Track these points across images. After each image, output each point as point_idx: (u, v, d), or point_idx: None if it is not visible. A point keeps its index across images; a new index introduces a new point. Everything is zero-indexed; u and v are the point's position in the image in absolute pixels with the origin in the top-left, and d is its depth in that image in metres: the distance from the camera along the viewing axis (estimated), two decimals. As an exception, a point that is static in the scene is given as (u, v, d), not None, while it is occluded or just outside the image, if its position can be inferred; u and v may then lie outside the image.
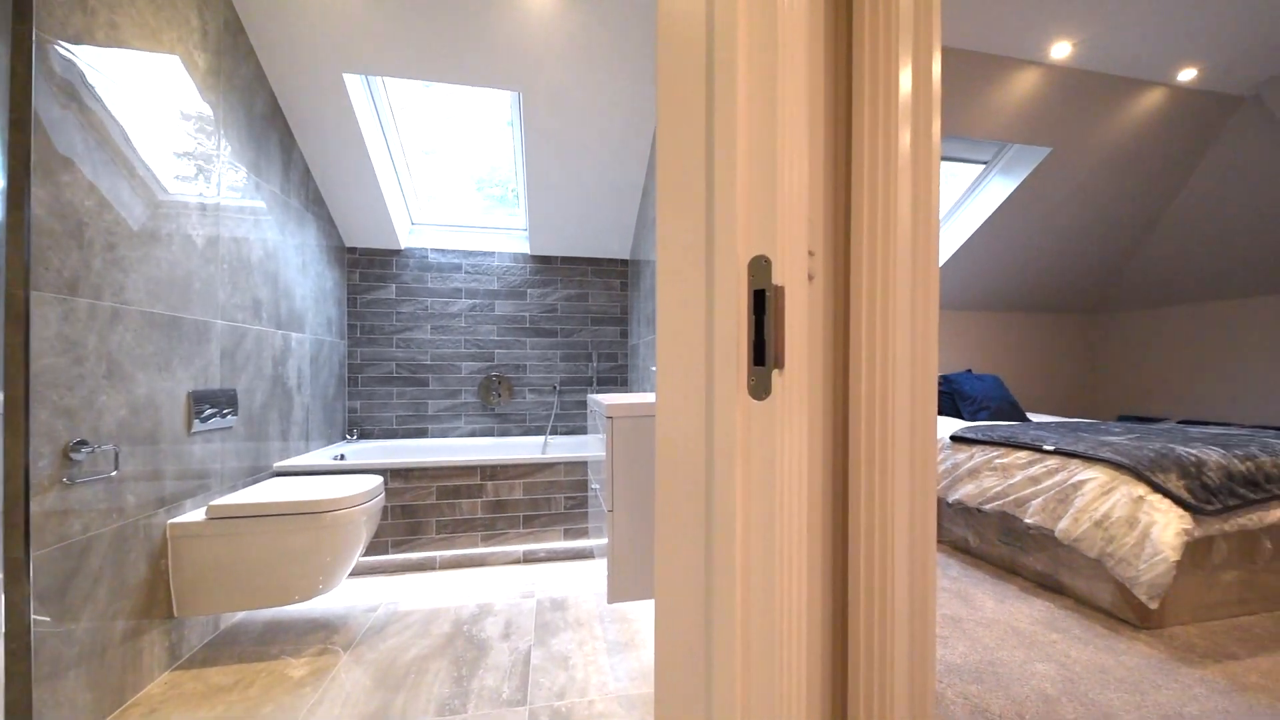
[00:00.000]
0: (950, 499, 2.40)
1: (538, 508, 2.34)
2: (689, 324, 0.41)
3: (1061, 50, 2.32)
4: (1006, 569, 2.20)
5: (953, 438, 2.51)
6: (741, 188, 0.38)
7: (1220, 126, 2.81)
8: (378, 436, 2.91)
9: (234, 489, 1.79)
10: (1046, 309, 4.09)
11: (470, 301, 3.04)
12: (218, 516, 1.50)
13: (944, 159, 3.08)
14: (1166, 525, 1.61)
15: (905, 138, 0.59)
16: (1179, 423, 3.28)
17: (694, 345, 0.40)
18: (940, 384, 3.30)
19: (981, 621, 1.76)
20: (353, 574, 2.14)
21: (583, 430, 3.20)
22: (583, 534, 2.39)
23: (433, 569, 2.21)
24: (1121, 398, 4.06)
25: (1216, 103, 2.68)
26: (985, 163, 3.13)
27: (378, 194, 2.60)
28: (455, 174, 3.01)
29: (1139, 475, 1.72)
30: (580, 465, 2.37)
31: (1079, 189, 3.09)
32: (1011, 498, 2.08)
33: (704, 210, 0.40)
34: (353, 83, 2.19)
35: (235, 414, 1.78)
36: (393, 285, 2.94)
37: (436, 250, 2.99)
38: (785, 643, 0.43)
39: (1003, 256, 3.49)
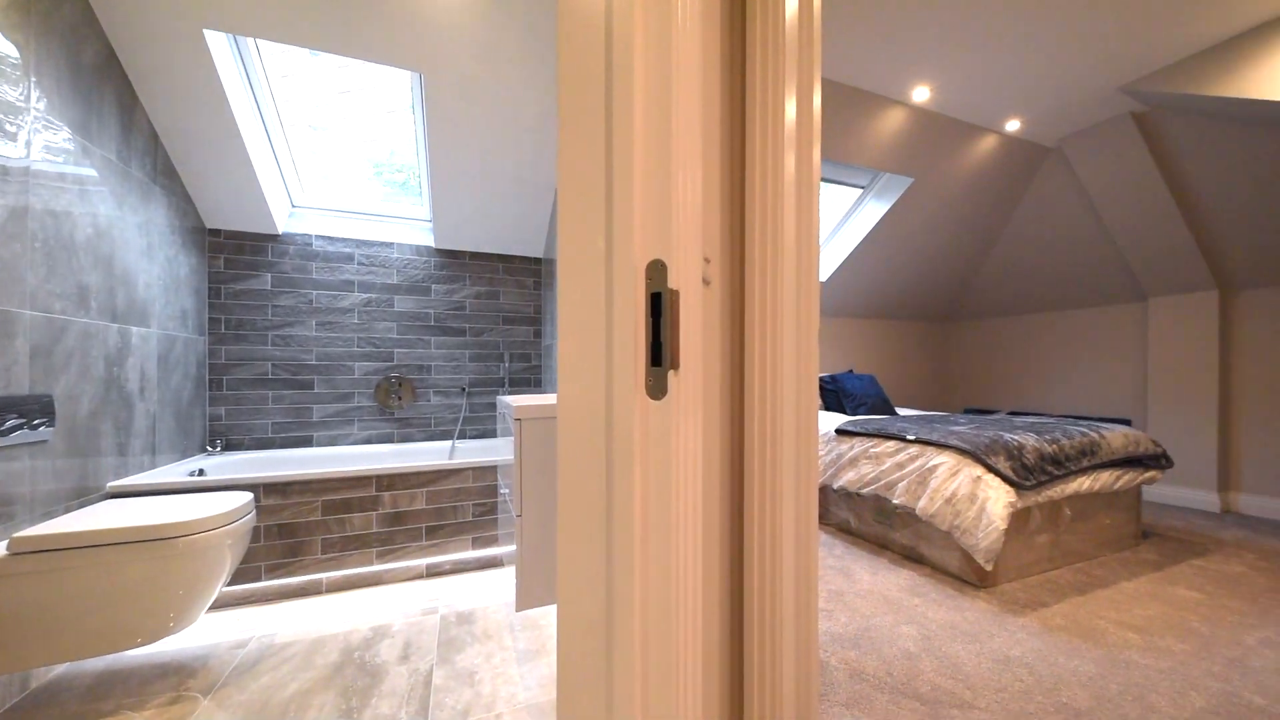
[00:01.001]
0: (835, 485, 2.67)
1: (443, 517, 2.21)
2: (588, 325, 0.42)
3: (922, 94, 2.69)
4: (880, 545, 2.50)
5: (837, 431, 2.79)
6: (639, 194, 0.40)
7: (1036, 170, 3.44)
8: (249, 447, 2.56)
9: (50, 516, 1.48)
10: (911, 317, 4.72)
11: (365, 295, 2.79)
12: (24, 550, 1.22)
13: (828, 181, 3.42)
14: (997, 500, 1.93)
15: (790, 161, 0.66)
16: (1008, 413, 3.95)
17: (594, 346, 0.41)
18: (827, 383, 3.65)
19: (860, 593, 1.98)
20: (215, 607, 1.87)
21: (493, 433, 3.08)
22: (492, 541, 2.30)
23: (318, 593, 1.99)
24: (967, 392, 4.80)
25: (1033, 151, 3.27)
26: (863, 187, 3.52)
27: (248, 170, 2.29)
28: (349, 155, 2.74)
29: (977, 458, 2.05)
30: (490, 470, 2.29)
31: (935, 216, 3.60)
32: (883, 482, 2.37)
33: (603, 214, 0.41)
34: (216, 41, 1.91)
35: (51, 424, 1.46)
36: (268, 274, 2.60)
37: (323, 237, 2.71)
38: (682, 633, 0.46)
39: (877, 271, 3.96)
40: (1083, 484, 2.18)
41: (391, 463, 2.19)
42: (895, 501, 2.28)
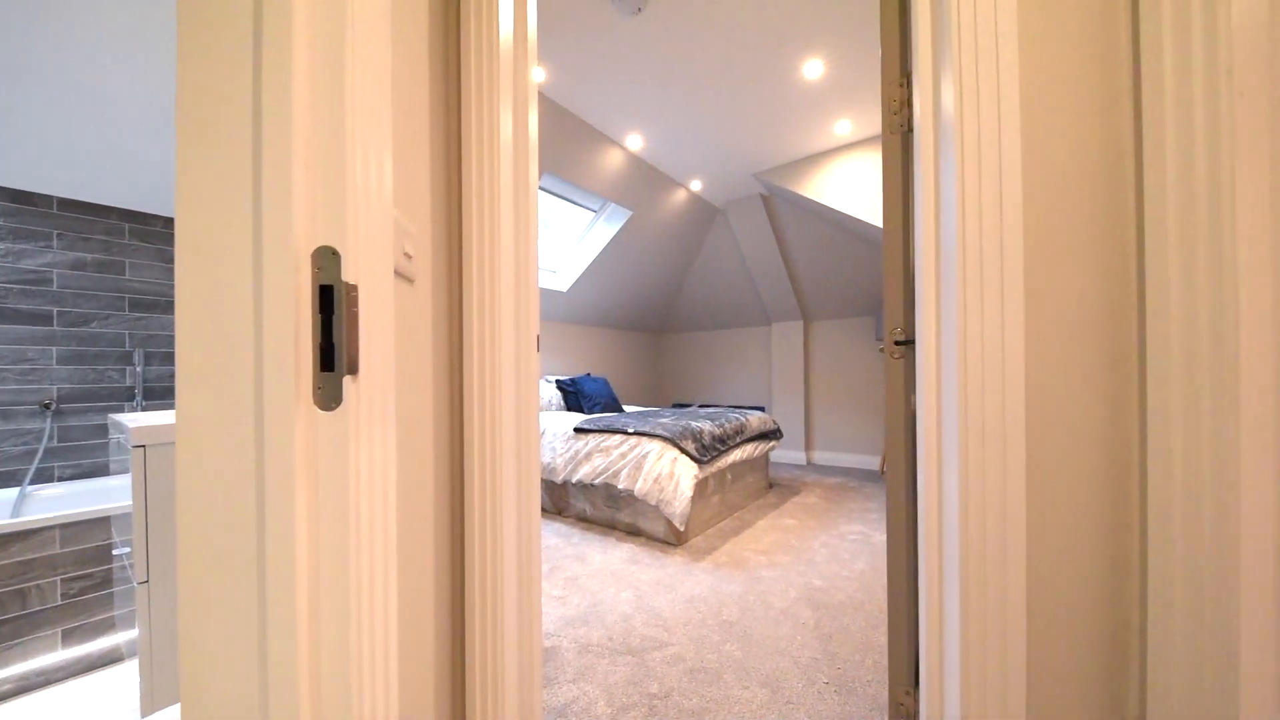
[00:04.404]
0: (574, 479, 2.89)
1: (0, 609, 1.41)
2: (226, 317, 0.33)
3: (636, 141, 3.20)
4: (610, 526, 2.82)
5: (575, 429, 3.03)
6: (300, 170, 0.35)
7: (711, 223, 4.53)
8: None
9: None
10: (635, 328, 5.54)
11: None
12: None
13: (564, 199, 3.70)
14: (687, 474, 2.45)
15: (507, 172, 0.69)
16: (699, 406, 5.06)
17: (235, 346, 0.34)
18: (568, 385, 3.93)
19: (591, 574, 2.19)
20: None
21: (106, 469, 2.14)
22: (105, 628, 1.59)
23: None
24: (673, 390, 5.93)
25: (709, 208, 4.29)
26: (595, 211, 3.95)
27: None
28: None
29: (674, 443, 2.55)
30: (98, 524, 1.58)
31: (649, 245, 4.32)
32: (611, 471, 2.70)
33: (250, 179, 0.33)
34: None
35: None
36: None
37: None
38: (370, 684, 0.40)
39: (609, 286, 4.50)
40: (738, 455, 2.97)
41: None
42: (620, 487, 2.62)
